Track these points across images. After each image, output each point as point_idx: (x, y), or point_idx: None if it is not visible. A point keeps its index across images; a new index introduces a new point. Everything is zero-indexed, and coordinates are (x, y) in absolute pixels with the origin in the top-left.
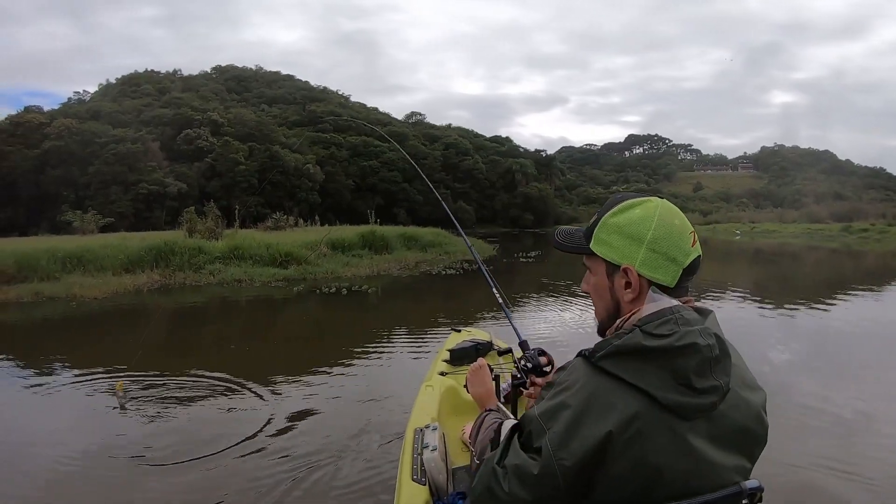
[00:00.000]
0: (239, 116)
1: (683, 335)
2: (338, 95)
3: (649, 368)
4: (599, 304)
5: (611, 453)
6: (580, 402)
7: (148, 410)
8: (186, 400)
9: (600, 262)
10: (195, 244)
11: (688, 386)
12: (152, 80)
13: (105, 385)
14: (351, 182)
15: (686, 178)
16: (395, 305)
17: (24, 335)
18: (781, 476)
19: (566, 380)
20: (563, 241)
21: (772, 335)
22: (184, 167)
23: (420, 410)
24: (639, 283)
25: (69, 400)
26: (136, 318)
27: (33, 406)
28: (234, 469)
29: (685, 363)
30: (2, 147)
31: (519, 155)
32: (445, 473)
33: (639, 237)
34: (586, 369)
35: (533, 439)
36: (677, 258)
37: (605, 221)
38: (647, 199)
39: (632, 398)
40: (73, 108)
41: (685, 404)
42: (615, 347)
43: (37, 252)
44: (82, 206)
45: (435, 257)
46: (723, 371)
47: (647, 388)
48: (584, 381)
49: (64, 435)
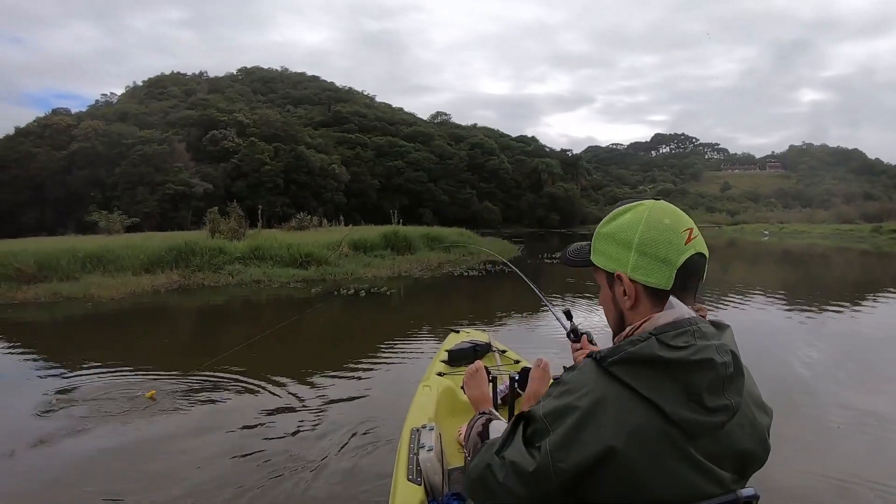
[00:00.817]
0: (264, 117)
1: (700, 349)
2: (363, 96)
3: (662, 380)
4: (609, 316)
5: (609, 463)
6: (586, 407)
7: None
8: (197, 396)
9: (602, 273)
10: (216, 244)
11: (699, 403)
12: (178, 82)
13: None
14: (376, 182)
15: (713, 177)
16: (414, 308)
17: (34, 335)
18: (801, 484)
19: (574, 381)
20: (573, 258)
21: (798, 338)
22: (210, 168)
23: (417, 410)
24: (633, 290)
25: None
26: (149, 318)
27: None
28: (226, 465)
29: (699, 379)
30: (30, 148)
31: (545, 155)
32: (441, 474)
33: (627, 242)
34: (596, 373)
35: (535, 437)
36: (669, 258)
37: (599, 232)
38: (638, 203)
39: (640, 410)
40: (101, 109)
41: (694, 421)
42: (628, 354)
43: (57, 252)
44: (109, 207)
45: (458, 258)
46: (735, 390)
47: (657, 401)
48: (593, 385)
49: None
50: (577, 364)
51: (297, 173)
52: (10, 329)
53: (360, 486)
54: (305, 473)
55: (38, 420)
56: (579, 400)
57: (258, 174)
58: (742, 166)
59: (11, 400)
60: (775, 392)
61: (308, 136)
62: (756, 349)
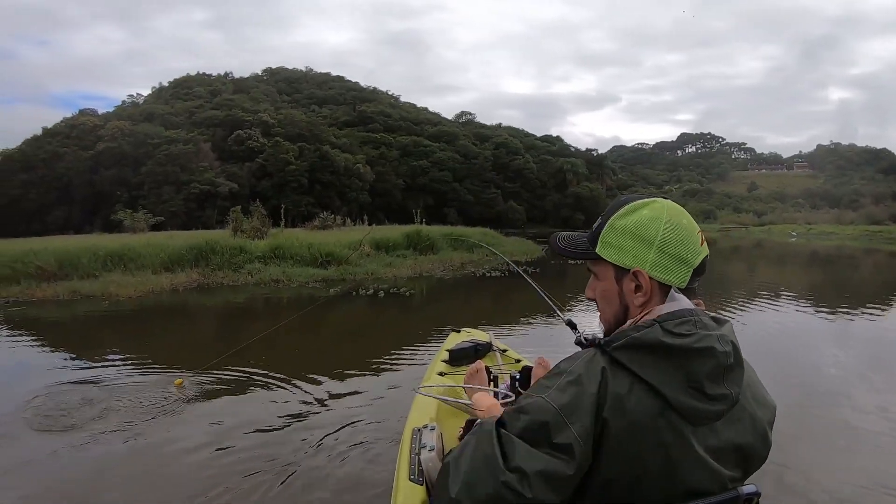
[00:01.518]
0: (289, 117)
1: (702, 338)
2: (387, 96)
3: (664, 366)
4: (607, 310)
5: (613, 445)
6: (595, 393)
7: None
8: (206, 394)
9: (608, 266)
10: (237, 243)
11: (699, 390)
12: (204, 83)
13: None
14: (401, 182)
15: (740, 177)
16: (432, 308)
17: (48, 332)
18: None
19: (576, 370)
20: (567, 247)
21: (825, 341)
22: (235, 167)
23: (418, 410)
24: (650, 286)
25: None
26: (163, 316)
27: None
28: (224, 462)
29: (700, 366)
30: (57, 148)
31: (570, 154)
32: None
33: (648, 239)
34: (599, 359)
35: (551, 434)
36: (688, 259)
37: (613, 224)
38: (653, 199)
39: (643, 394)
40: (127, 110)
41: (695, 408)
42: (633, 339)
43: (79, 250)
44: (135, 206)
45: (481, 258)
46: (734, 381)
47: (659, 386)
48: (596, 370)
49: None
50: (575, 354)
51: (321, 173)
52: (22, 326)
53: (362, 486)
54: (307, 473)
55: (47, 419)
56: (587, 388)
57: (283, 174)
58: (769, 166)
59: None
60: (804, 394)
61: (333, 136)
62: (784, 351)
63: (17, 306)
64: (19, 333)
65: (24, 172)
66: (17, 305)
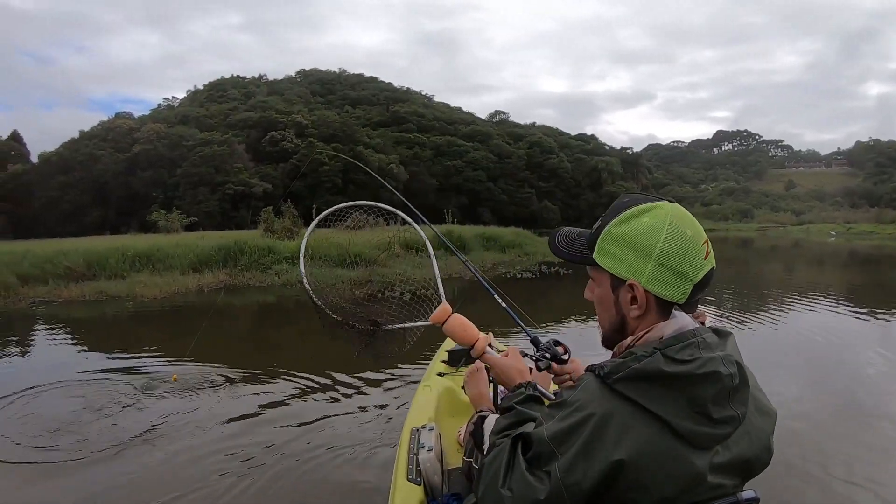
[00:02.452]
0: (323, 118)
1: (706, 362)
2: (421, 96)
3: (667, 394)
4: (604, 316)
5: (619, 476)
6: (593, 427)
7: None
8: (204, 390)
9: (605, 273)
10: (265, 244)
11: (704, 415)
12: (238, 85)
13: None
14: (435, 182)
15: (777, 175)
16: (457, 311)
17: (67, 331)
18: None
19: (578, 400)
20: (565, 249)
21: (865, 344)
22: (269, 168)
23: (417, 411)
24: (645, 300)
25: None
26: (182, 317)
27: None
28: (220, 459)
29: (704, 391)
30: (94, 151)
31: (604, 153)
32: (441, 474)
33: (646, 250)
34: (600, 390)
35: (542, 462)
36: (688, 273)
37: (611, 231)
38: (656, 204)
39: (647, 425)
40: (163, 113)
41: (699, 433)
42: (634, 371)
43: (108, 251)
44: (171, 206)
45: (514, 258)
46: (741, 401)
47: (663, 414)
48: (598, 403)
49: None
50: (578, 383)
51: (355, 173)
52: (41, 325)
53: (360, 485)
54: (306, 472)
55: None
56: (585, 420)
57: (317, 174)
58: (807, 164)
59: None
60: (845, 399)
61: (366, 137)
62: (823, 354)
63: (42, 306)
64: (33, 333)
65: (62, 174)
66: (43, 305)
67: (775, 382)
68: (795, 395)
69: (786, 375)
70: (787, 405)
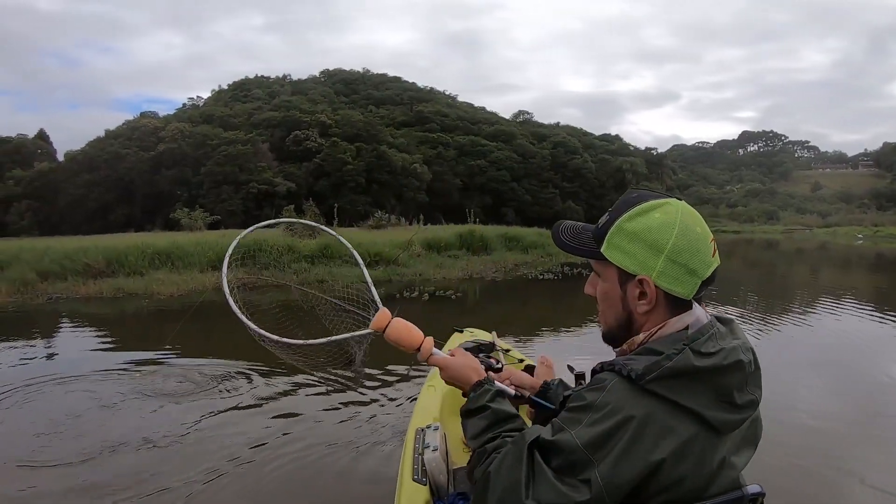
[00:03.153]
0: (346, 117)
1: (729, 353)
2: (444, 96)
3: (697, 388)
4: (609, 312)
5: (656, 477)
6: (634, 430)
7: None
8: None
9: (612, 268)
10: (285, 242)
11: (730, 402)
12: (262, 85)
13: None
14: (458, 181)
15: (803, 176)
16: (475, 314)
17: (68, 327)
18: None
19: (608, 403)
20: (569, 242)
21: (891, 349)
22: (293, 167)
23: (422, 410)
24: (655, 296)
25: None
26: (196, 315)
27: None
28: (224, 454)
29: (730, 381)
30: (119, 150)
31: (629, 153)
32: (446, 474)
33: (658, 246)
34: (632, 392)
35: (576, 470)
36: (698, 270)
37: (622, 226)
38: (666, 201)
39: (684, 421)
40: (187, 112)
41: (728, 421)
42: (668, 370)
43: (127, 248)
44: (195, 204)
45: (536, 259)
46: (756, 384)
47: (697, 408)
48: (633, 405)
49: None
50: (599, 383)
51: (378, 172)
52: (52, 320)
53: (365, 485)
54: (307, 471)
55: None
56: (623, 424)
57: (340, 173)
58: (833, 165)
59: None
60: (867, 403)
61: (390, 136)
62: (848, 359)
63: (59, 302)
64: (41, 329)
65: (88, 173)
66: (60, 301)
67: (799, 384)
68: (818, 399)
69: (809, 378)
70: (808, 408)
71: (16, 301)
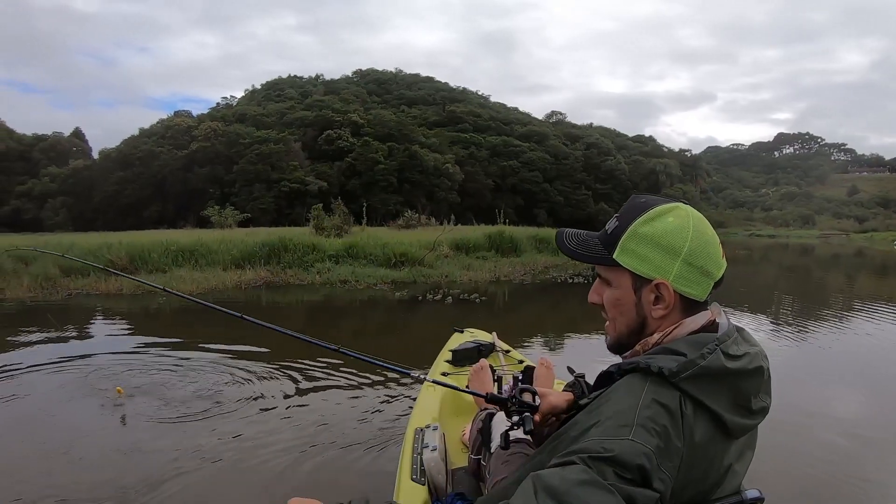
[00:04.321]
0: (378, 117)
1: (753, 358)
2: (477, 96)
3: (720, 390)
4: (620, 320)
5: (679, 473)
6: (672, 429)
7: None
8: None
9: (625, 274)
10: (310, 241)
11: (746, 407)
12: (295, 85)
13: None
14: (491, 182)
15: (839, 180)
16: (497, 320)
17: (76, 323)
18: None
19: (648, 408)
20: (577, 249)
21: None
22: (324, 166)
23: (421, 410)
24: (673, 299)
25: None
26: (205, 314)
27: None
28: (227, 453)
29: (749, 386)
30: (153, 147)
31: (663, 155)
32: (445, 474)
33: (675, 250)
34: (665, 389)
35: (651, 479)
36: (712, 271)
37: (637, 231)
38: (676, 205)
39: (704, 421)
40: (220, 111)
41: (742, 425)
42: (701, 369)
43: (151, 245)
44: (227, 202)
45: (566, 261)
46: (767, 392)
47: (719, 410)
48: (665, 404)
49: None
50: (615, 390)
51: (410, 172)
52: (62, 316)
53: (364, 485)
54: (308, 470)
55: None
56: (664, 432)
57: (372, 173)
58: (870, 168)
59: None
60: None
61: (422, 136)
62: (884, 371)
63: (75, 298)
64: (47, 324)
65: (122, 170)
66: (78, 297)
67: (829, 394)
68: (848, 410)
69: (840, 388)
70: (837, 419)
71: (34, 296)
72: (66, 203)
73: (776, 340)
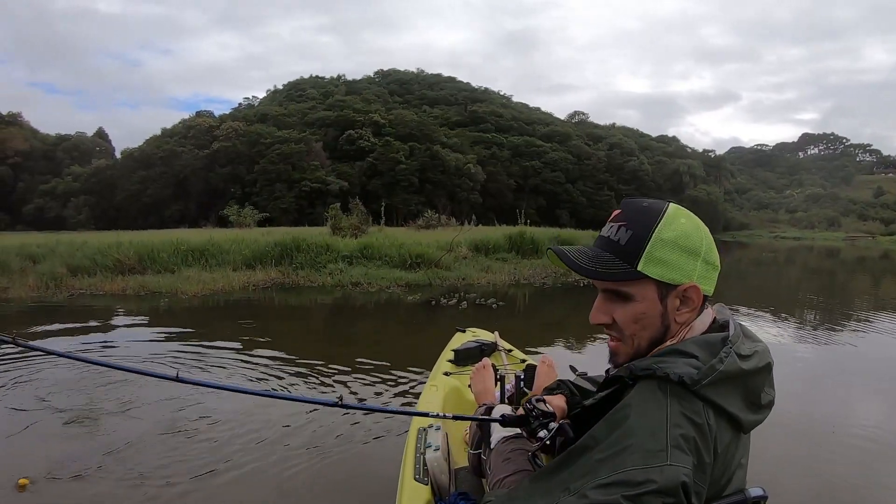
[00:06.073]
0: (400, 117)
1: (762, 355)
2: (499, 96)
3: (734, 391)
4: (642, 335)
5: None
6: (700, 443)
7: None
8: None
9: (650, 285)
10: (323, 241)
11: (756, 403)
12: (317, 85)
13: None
14: (513, 182)
15: (865, 181)
16: (512, 330)
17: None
18: None
19: (677, 429)
20: (593, 266)
21: None
22: (346, 166)
23: (423, 410)
24: (701, 300)
25: None
26: (208, 316)
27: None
28: (235, 450)
29: (759, 383)
30: (174, 147)
31: (686, 155)
32: (448, 473)
33: (695, 250)
34: (688, 403)
35: (690, 496)
36: (717, 265)
37: (661, 237)
38: (671, 204)
39: (726, 425)
40: (242, 111)
41: (752, 421)
42: (721, 374)
43: (161, 244)
44: (248, 201)
45: None
46: (771, 385)
47: (736, 411)
48: (692, 419)
49: None
50: (636, 402)
51: (432, 172)
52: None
53: (366, 485)
54: (310, 470)
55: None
56: (693, 443)
57: (393, 173)
58: None
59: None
60: None
61: (444, 136)
62: None
63: (77, 298)
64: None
65: (144, 169)
66: (80, 298)
67: (857, 399)
68: (871, 417)
69: (866, 394)
70: (860, 425)
71: (37, 296)
72: (89, 202)
73: (800, 343)
